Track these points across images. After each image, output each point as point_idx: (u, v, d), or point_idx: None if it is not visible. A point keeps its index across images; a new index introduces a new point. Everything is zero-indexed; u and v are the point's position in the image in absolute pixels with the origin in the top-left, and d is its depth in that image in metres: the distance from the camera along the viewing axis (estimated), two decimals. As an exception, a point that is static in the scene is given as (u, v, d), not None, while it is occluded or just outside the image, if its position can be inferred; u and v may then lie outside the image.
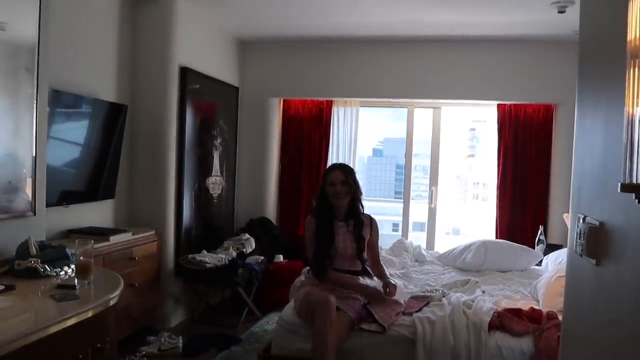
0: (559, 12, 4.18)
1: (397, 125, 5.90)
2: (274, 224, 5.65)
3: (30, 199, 2.67)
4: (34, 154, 2.69)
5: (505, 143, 5.30)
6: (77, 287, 2.19)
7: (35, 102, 2.67)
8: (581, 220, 1.85)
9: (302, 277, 3.84)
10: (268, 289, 4.95)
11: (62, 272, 2.41)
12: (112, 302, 2.15)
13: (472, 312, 2.97)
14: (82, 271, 2.24)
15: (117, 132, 4.13)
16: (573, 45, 5.15)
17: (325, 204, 3.27)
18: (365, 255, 3.33)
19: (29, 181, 2.68)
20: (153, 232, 4.27)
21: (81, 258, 2.25)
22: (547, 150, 5.25)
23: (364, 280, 3.30)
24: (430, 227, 5.70)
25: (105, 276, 2.50)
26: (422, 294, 3.34)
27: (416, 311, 3.07)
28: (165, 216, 4.48)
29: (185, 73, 4.60)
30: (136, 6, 4.40)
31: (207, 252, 4.70)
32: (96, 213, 4.12)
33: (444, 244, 5.37)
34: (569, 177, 5.38)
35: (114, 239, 3.78)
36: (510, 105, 5.31)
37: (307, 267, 3.89)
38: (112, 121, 4.08)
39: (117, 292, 2.19)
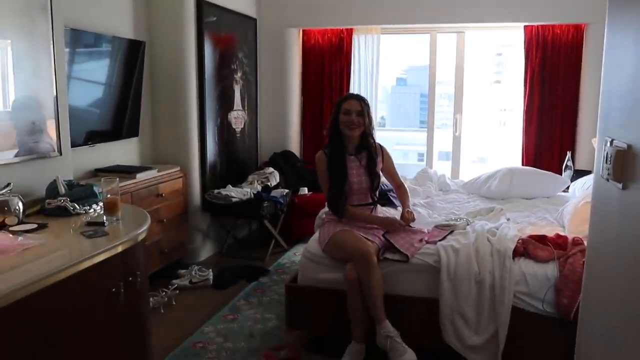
0: None
1: (420, 52, 5.73)
2: (297, 157, 5.67)
3: (55, 139, 2.71)
4: (55, 94, 2.70)
5: (533, 67, 5.13)
6: (105, 224, 2.24)
7: (52, 41, 2.65)
8: (608, 144, 1.80)
9: (325, 209, 3.89)
10: (294, 221, 5.03)
11: (91, 210, 2.47)
12: (140, 238, 2.21)
13: (496, 240, 2.97)
14: (110, 208, 2.29)
15: (137, 69, 4.11)
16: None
17: (336, 135, 3.23)
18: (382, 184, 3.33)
19: (53, 122, 2.70)
20: (178, 168, 4.33)
21: (108, 196, 2.29)
22: (577, 73, 5.07)
23: (379, 212, 3.31)
24: (455, 155, 5.64)
25: (132, 213, 2.56)
26: (446, 222, 3.34)
27: (440, 240, 3.08)
28: (189, 152, 4.52)
29: (202, 5, 4.50)
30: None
31: (232, 186, 4.76)
32: (122, 151, 4.18)
33: (469, 173, 5.33)
34: (598, 101, 5.23)
35: (140, 176, 3.85)
36: (537, 26, 5.09)
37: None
38: (131, 59, 4.06)
39: (144, 228, 2.24)
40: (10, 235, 2.03)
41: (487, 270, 2.84)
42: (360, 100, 3.17)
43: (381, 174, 3.31)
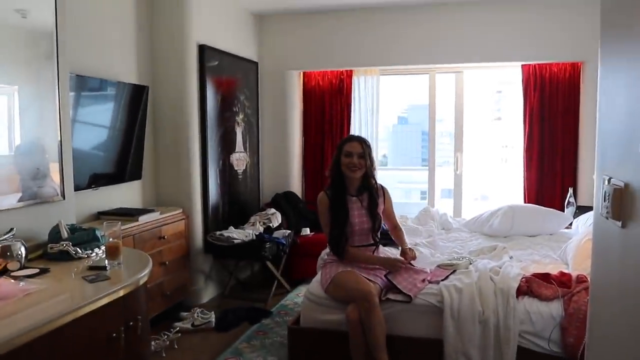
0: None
1: (420, 91, 5.81)
2: (299, 198, 5.69)
3: (58, 184, 2.74)
4: (59, 139, 2.75)
5: (531, 104, 5.19)
6: (107, 268, 2.25)
7: (57, 87, 2.71)
8: (605, 182, 1.82)
9: (327, 250, 3.89)
10: (296, 262, 5.01)
11: (93, 254, 2.48)
12: (142, 281, 2.21)
13: (500, 279, 2.96)
14: (112, 252, 2.29)
15: (140, 113, 4.18)
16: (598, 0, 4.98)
17: (338, 176, 3.25)
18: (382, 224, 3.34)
19: (57, 166, 2.74)
20: (181, 210, 4.34)
21: (110, 239, 2.30)
22: (575, 110, 5.12)
23: (382, 253, 3.31)
24: (457, 193, 5.65)
25: (134, 256, 2.56)
26: (449, 262, 3.33)
27: (442, 279, 3.07)
28: (191, 194, 4.54)
29: (204, 50, 4.60)
30: (151, -14, 4.40)
31: (234, 228, 4.76)
32: (124, 194, 4.20)
33: (471, 210, 5.33)
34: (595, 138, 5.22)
35: (143, 218, 3.86)
36: (534, 65, 5.18)
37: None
38: (135, 103, 4.13)
39: (146, 271, 2.24)
40: (12, 280, 2.03)
41: (491, 310, 2.82)
42: (362, 142, 3.20)
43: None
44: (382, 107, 5.79)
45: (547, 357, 2.78)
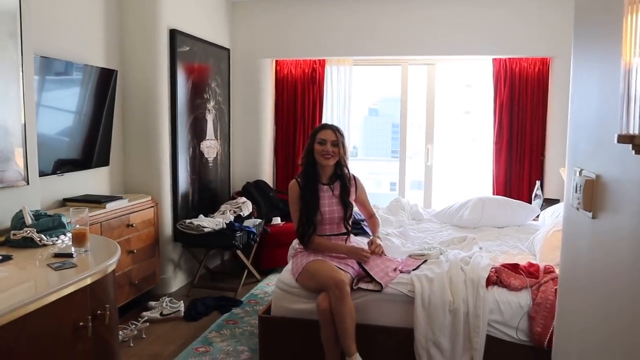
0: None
1: (392, 83, 5.82)
2: (270, 186, 5.65)
3: (22, 169, 2.64)
4: (23, 122, 2.65)
5: (501, 98, 5.25)
6: (74, 255, 2.18)
7: (21, 68, 2.61)
8: (577, 174, 1.84)
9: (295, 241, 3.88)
10: (266, 251, 4.99)
11: (59, 241, 2.40)
12: (110, 269, 2.15)
13: (470, 269, 2.99)
14: (78, 239, 2.23)
15: (108, 98, 4.07)
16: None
17: (311, 164, 3.23)
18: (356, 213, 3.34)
19: (21, 151, 2.64)
20: (149, 198, 4.26)
21: (77, 226, 2.23)
22: (544, 104, 5.21)
23: (353, 242, 3.30)
24: (427, 185, 5.70)
25: (102, 243, 2.50)
26: (420, 252, 3.35)
27: (414, 269, 3.08)
28: (161, 182, 4.47)
29: (175, 35, 4.51)
30: (121, -33, 4.28)
31: (205, 216, 4.70)
32: (91, 181, 4.10)
33: (441, 202, 5.38)
34: (565, 131, 5.36)
35: (110, 206, 3.77)
36: (505, 59, 5.24)
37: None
38: (103, 87, 4.02)
39: (114, 259, 2.19)
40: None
41: (461, 299, 2.85)
42: (335, 130, 3.19)
43: (354, 204, 3.32)
44: (354, 98, 5.78)
45: (515, 345, 2.83)
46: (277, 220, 5.17)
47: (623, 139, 1.23)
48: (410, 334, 2.89)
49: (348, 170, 3.29)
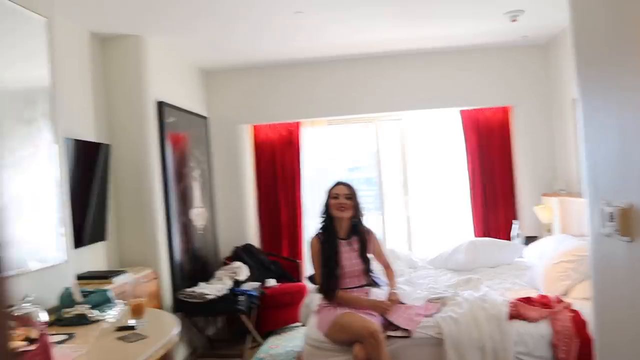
0: (512, 21, 4.52)
1: (366, 140, 6.11)
2: (258, 249, 5.70)
3: (60, 247, 2.65)
4: (62, 202, 2.68)
5: (471, 146, 5.62)
6: (135, 327, 2.20)
7: (57, 148, 2.67)
8: (605, 205, 2.07)
9: (310, 297, 3.97)
10: (265, 314, 4.99)
11: (108, 315, 2.41)
12: (175, 339, 2.19)
13: (489, 306, 3.17)
14: (137, 311, 2.26)
15: (100, 172, 4.06)
16: (524, 49, 5.58)
17: (329, 220, 3.39)
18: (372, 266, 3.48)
19: (60, 229, 2.66)
20: (151, 270, 4.23)
21: (134, 298, 2.27)
22: (508, 149, 5.61)
23: (372, 294, 3.43)
24: (408, 235, 5.93)
25: (149, 314, 2.51)
26: (437, 296, 3.51)
27: (436, 312, 3.23)
28: (157, 253, 4.44)
29: (162, 107, 4.62)
30: (104, 43, 4.38)
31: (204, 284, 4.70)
32: (88, 257, 4.02)
33: (423, 250, 5.58)
34: (532, 173, 5.79)
35: (117, 280, 3.73)
36: (471, 110, 5.65)
37: (315, 286, 4.00)
38: (95, 162, 4.03)
39: (176, 329, 2.22)
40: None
41: (487, 335, 3.01)
42: (348, 186, 3.39)
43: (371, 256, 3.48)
44: (331, 157, 6.00)
45: (541, 374, 2.99)
46: (271, 282, 5.20)
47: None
48: (443, 375, 3.00)
49: (364, 225, 3.45)
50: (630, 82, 1.86)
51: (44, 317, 2.15)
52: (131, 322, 2.25)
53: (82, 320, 2.31)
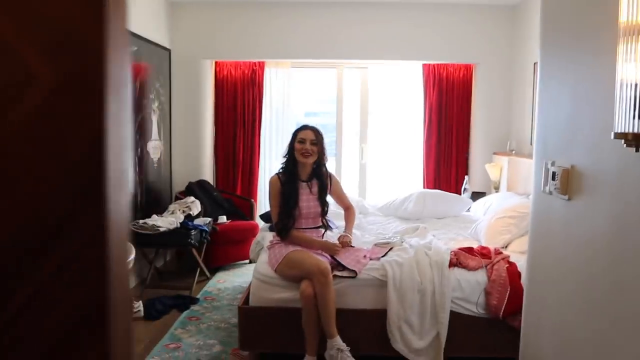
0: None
1: (329, 86, 6.12)
2: (212, 186, 5.72)
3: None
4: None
5: (430, 100, 5.73)
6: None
7: None
8: (549, 165, 2.20)
9: (262, 234, 4.06)
10: (215, 249, 5.07)
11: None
12: (129, 266, 2.23)
13: (433, 253, 3.33)
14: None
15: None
16: (492, 9, 5.62)
17: (291, 162, 3.44)
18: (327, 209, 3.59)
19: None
20: (104, 198, 4.21)
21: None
22: (467, 106, 5.74)
23: (325, 236, 3.55)
24: (362, 182, 6.07)
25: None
26: (384, 241, 3.65)
27: (382, 256, 3.38)
28: (111, 182, 4.42)
29: (123, 35, 4.48)
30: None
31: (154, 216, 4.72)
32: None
33: (375, 198, 5.74)
34: (487, 131, 5.96)
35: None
36: (433, 65, 5.71)
37: (268, 224, 4.10)
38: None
39: (132, 257, 2.26)
40: None
41: (428, 280, 3.18)
42: (315, 131, 3.41)
43: (331, 197, 3.57)
44: (293, 99, 6.00)
45: (474, 318, 3.20)
46: (223, 219, 5.27)
47: (619, 135, 1.58)
48: (383, 315, 3.17)
49: (326, 169, 3.52)
50: (588, 59, 1.96)
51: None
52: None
53: None
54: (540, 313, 2.36)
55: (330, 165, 6.03)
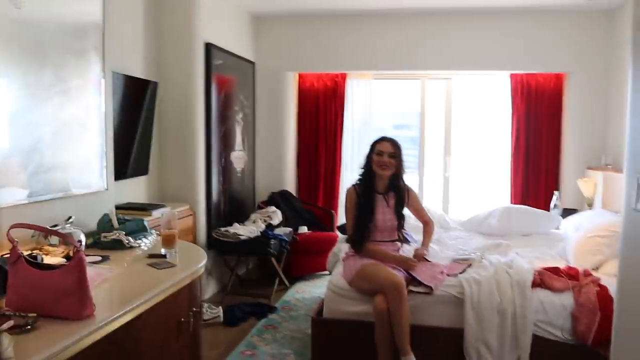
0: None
1: (412, 97, 6.04)
2: (294, 196, 5.80)
3: (102, 176, 2.79)
4: (105, 134, 2.80)
5: (519, 112, 5.49)
6: (166, 256, 2.32)
7: (103, 82, 2.77)
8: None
9: (339, 246, 4.05)
10: (295, 259, 5.12)
11: (143, 243, 2.54)
12: (201, 271, 2.29)
13: (514, 272, 3.17)
14: (169, 241, 2.37)
15: (146, 108, 4.17)
16: (585, 14, 5.30)
17: (368, 174, 3.41)
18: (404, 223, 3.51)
19: (99, 159, 2.78)
20: (188, 206, 4.39)
21: (167, 229, 2.37)
22: (558, 118, 5.45)
23: (401, 250, 3.47)
24: (445, 196, 5.91)
25: (184, 246, 2.63)
26: (463, 257, 3.53)
27: (460, 272, 3.26)
28: (196, 191, 4.59)
29: (210, 49, 4.67)
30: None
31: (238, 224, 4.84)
32: (129, 189, 4.17)
33: (458, 212, 5.57)
34: (580, 145, 5.58)
35: (156, 213, 3.88)
36: (522, 74, 5.48)
37: (345, 236, 4.07)
38: (142, 98, 4.13)
39: (204, 261, 2.33)
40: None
41: (509, 301, 3.03)
42: (394, 143, 3.36)
43: (409, 210, 3.50)
44: (374, 112, 5.97)
45: (559, 343, 3.01)
46: (303, 229, 5.32)
47: None
48: (460, 334, 3.05)
49: (404, 182, 3.46)
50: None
51: (83, 238, 2.28)
52: (162, 251, 2.36)
53: (117, 245, 2.44)
54: (632, 344, 2.18)
55: (413, 178, 5.98)
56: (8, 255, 1.63)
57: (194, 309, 2.20)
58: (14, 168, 2.27)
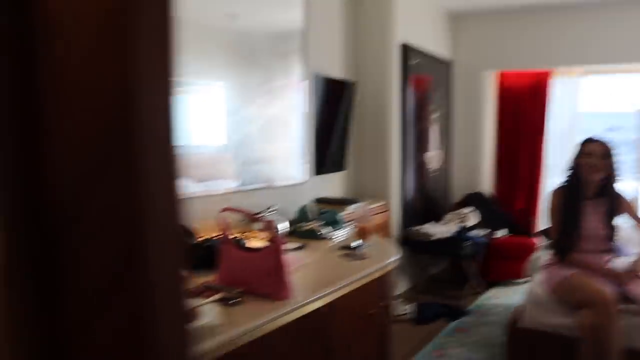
0: None
1: (626, 95, 5.38)
2: (490, 199, 5.56)
3: (302, 169, 2.99)
4: (302, 132, 2.99)
5: None
6: (358, 248, 2.38)
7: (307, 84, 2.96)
8: None
9: (539, 253, 3.77)
10: (490, 263, 4.91)
11: (335, 235, 2.64)
12: (392, 265, 2.31)
13: None
14: (363, 234, 2.43)
15: (344, 107, 4.33)
16: None
17: (575, 177, 3.10)
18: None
19: (304, 154, 2.98)
20: (384, 203, 4.46)
21: (361, 223, 2.44)
22: None
23: (613, 263, 3.09)
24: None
25: (374, 240, 2.68)
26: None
27: (689, 292, 2.81)
28: (390, 188, 4.64)
29: (406, 49, 4.69)
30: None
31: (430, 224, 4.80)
32: (327, 183, 4.35)
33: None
34: None
35: (350, 207, 4.01)
36: None
37: (547, 242, 3.78)
38: (341, 98, 4.30)
39: (395, 256, 2.35)
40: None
41: None
42: (604, 145, 3.02)
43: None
44: (583, 111, 5.45)
45: None
46: (500, 233, 5.06)
47: None
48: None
49: (614, 187, 3.09)
50: None
51: (284, 225, 2.46)
52: (355, 243, 2.43)
53: (313, 235, 2.58)
54: None
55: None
56: (219, 237, 1.83)
57: (384, 303, 2.23)
58: (229, 161, 2.53)
